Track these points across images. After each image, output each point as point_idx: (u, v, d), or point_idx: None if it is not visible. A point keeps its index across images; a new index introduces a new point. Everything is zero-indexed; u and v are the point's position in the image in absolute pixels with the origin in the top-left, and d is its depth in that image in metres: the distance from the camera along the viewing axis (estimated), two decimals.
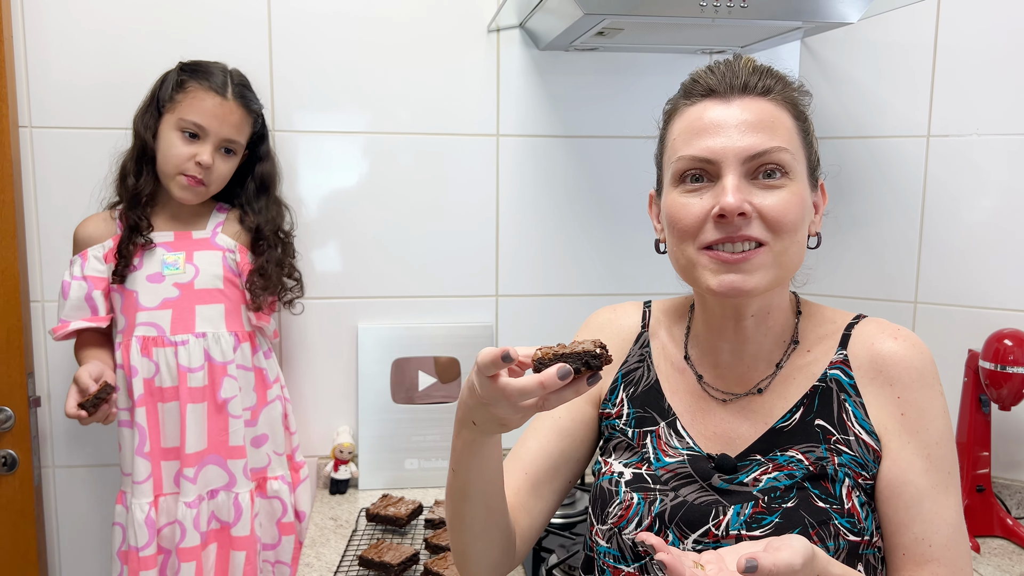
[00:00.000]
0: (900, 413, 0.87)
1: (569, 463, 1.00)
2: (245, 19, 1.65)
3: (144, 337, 1.47)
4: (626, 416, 0.99)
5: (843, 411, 0.89)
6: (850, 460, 0.87)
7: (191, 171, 1.45)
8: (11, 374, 1.59)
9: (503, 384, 0.72)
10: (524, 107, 1.76)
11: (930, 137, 1.67)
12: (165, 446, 1.49)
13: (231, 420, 1.51)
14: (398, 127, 1.73)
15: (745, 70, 0.88)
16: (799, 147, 0.88)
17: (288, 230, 1.61)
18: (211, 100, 1.44)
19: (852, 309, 1.75)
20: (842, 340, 0.92)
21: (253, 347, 1.57)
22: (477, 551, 0.92)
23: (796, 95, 0.90)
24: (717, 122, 0.86)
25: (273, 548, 1.60)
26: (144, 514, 1.46)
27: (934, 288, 1.69)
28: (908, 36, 1.68)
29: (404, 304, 1.79)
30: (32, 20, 1.59)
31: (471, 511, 0.89)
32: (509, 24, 1.72)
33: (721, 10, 1.35)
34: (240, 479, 1.52)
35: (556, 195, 1.80)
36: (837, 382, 0.90)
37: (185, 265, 1.49)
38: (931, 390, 0.88)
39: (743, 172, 0.85)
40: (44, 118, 1.61)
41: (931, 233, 1.68)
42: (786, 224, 0.84)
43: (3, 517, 1.61)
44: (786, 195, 0.85)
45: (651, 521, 0.90)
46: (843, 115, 1.77)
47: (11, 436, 1.60)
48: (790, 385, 0.92)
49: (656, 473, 0.93)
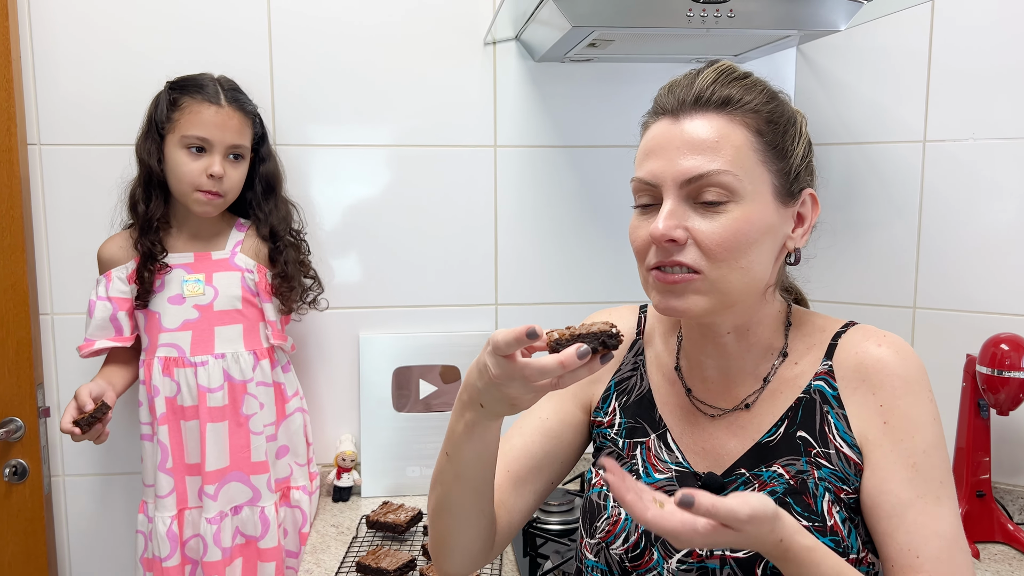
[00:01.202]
0: (883, 422, 0.85)
1: (553, 464, 1.00)
2: (247, 33, 1.69)
3: (166, 358, 1.50)
4: (617, 426, 0.98)
5: (825, 423, 0.87)
6: (830, 474, 0.85)
7: (206, 186, 1.46)
8: (20, 385, 1.63)
9: (522, 364, 0.73)
10: (521, 118, 1.79)
11: (926, 142, 1.68)
12: (188, 462, 1.52)
13: (253, 437, 1.54)
14: (396, 139, 1.76)
15: (705, 81, 0.85)
16: (753, 165, 0.83)
17: (299, 228, 1.64)
18: (208, 111, 1.46)
19: (850, 315, 1.76)
20: (828, 350, 0.90)
21: (272, 363, 1.59)
22: (459, 539, 0.92)
23: (763, 105, 0.86)
24: (662, 144, 0.85)
25: (296, 556, 1.62)
26: (166, 527, 1.49)
27: (932, 293, 1.69)
28: (903, 41, 1.68)
29: (405, 314, 1.81)
30: (40, 39, 1.63)
31: (460, 496, 0.88)
32: (505, 37, 1.75)
33: (708, 20, 1.36)
34: (265, 493, 1.55)
35: (554, 204, 1.82)
36: (820, 393, 0.88)
37: (205, 287, 1.52)
38: (917, 397, 0.85)
39: (682, 196, 0.83)
40: (53, 136, 1.65)
41: (929, 238, 1.68)
42: (722, 252, 0.82)
43: (14, 525, 1.65)
44: (726, 220, 0.82)
45: (638, 537, 0.90)
46: (839, 122, 1.78)
47: (21, 446, 1.64)
48: (777, 399, 0.90)
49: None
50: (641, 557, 0.89)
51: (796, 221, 0.89)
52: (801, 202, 0.89)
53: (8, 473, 1.63)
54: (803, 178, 0.89)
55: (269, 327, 1.58)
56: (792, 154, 0.87)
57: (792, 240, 0.89)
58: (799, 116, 0.91)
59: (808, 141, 0.91)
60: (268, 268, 1.58)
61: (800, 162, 0.88)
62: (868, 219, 1.76)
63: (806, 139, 0.90)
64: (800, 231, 0.89)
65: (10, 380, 1.63)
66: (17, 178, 1.60)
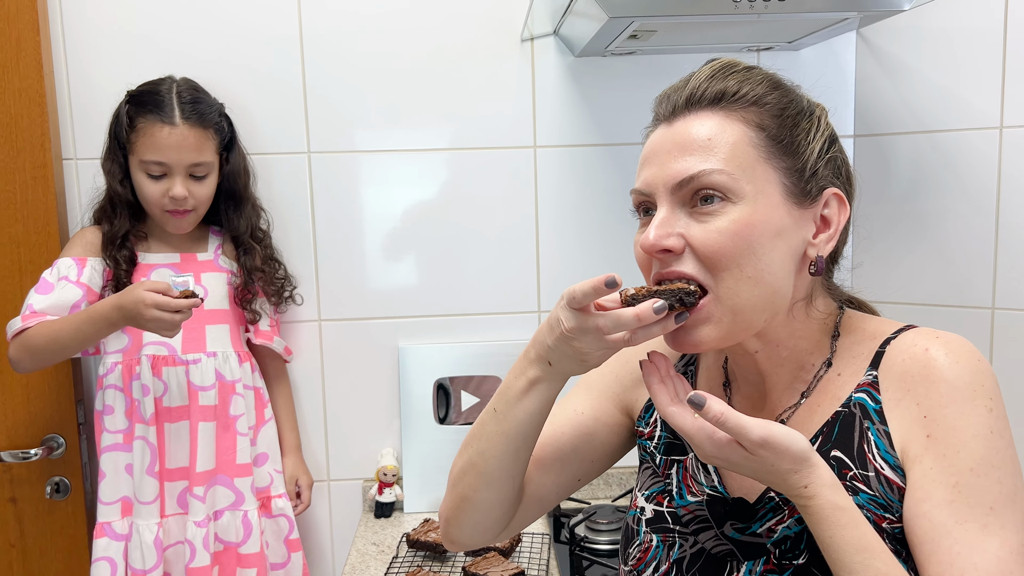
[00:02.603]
0: (926, 435, 0.73)
1: (582, 461, 0.94)
2: (280, 39, 1.65)
3: (154, 356, 1.47)
4: (657, 439, 0.92)
5: (864, 441, 0.76)
6: (868, 500, 0.74)
7: (170, 206, 1.45)
8: (61, 402, 1.62)
9: (596, 315, 0.72)
10: (561, 117, 1.71)
11: (1003, 128, 1.54)
12: (170, 466, 1.49)
13: (239, 438, 1.52)
14: (432, 143, 1.70)
15: (699, 79, 0.79)
16: (754, 162, 0.76)
17: (265, 228, 1.62)
18: (162, 132, 1.41)
19: (922, 317, 1.64)
20: (875, 358, 0.79)
21: (252, 366, 1.58)
22: (482, 500, 0.86)
23: (766, 94, 0.78)
24: (655, 149, 0.79)
25: (283, 566, 1.58)
26: (153, 535, 1.46)
27: (1013, 292, 1.55)
28: (974, 21, 1.55)
29: (445, 323, 1.75)
30: (74, 52, 1.62)
31: (498, 455, 0.84)
32: (543, 32, 1.67)
33: (757, 5, 1.26)
34: (248, 496, 1.52)
35: (597, 205, 1.73)
36: (862, 407, 0.77)
37: (195, 286, 1.48)
38: (967, 405, 0.72)
39: (676, 202, 0.77)
40: (88, 149, 1.64)
41: (1008, 232, 1.55)
42: (722, 259, 0.74)
43: (56, 543, 1.65)
44: (723, 224, 0.74)
45: (668, 567, 0.83)
46: (905, 109, 1.65)
47: (63, 463, 1.64)
48: (815, 413, 0.81)
49: (677, 512, 0.86)
50: None
51: (820, 225, 0.79)
52: (824, 203, 0.79)
53: (50, 490, 1.63)
54: (823, 176, 0.79)
55: (251, 328, 1.59)
56: (806, 150, 0.78)
57: (814, 247, 0.79)
58: (817, 108, 0.82)
59: (831, 135, 0.81)
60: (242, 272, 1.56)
61: (818, 159, 0.79)
62: (940, 213, 1.62)
63: (826, 133, 0.81)
64: (824, 236, 0.79)
65: (50, 397, 1.62)
66: (52, 193, 1.59)
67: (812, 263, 0.79)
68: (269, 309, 1.63)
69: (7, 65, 1.55)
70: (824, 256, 0.79)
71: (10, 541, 1.64)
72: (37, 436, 1.62)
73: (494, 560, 1.42)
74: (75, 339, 1.38)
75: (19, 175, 1.58)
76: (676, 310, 0.73)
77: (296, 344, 1.71)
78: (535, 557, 1.50)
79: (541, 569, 1.45)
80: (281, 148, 1.68)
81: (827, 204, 0.79)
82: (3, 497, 1.63)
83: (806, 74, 1.70)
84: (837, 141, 0.83)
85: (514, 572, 1.37)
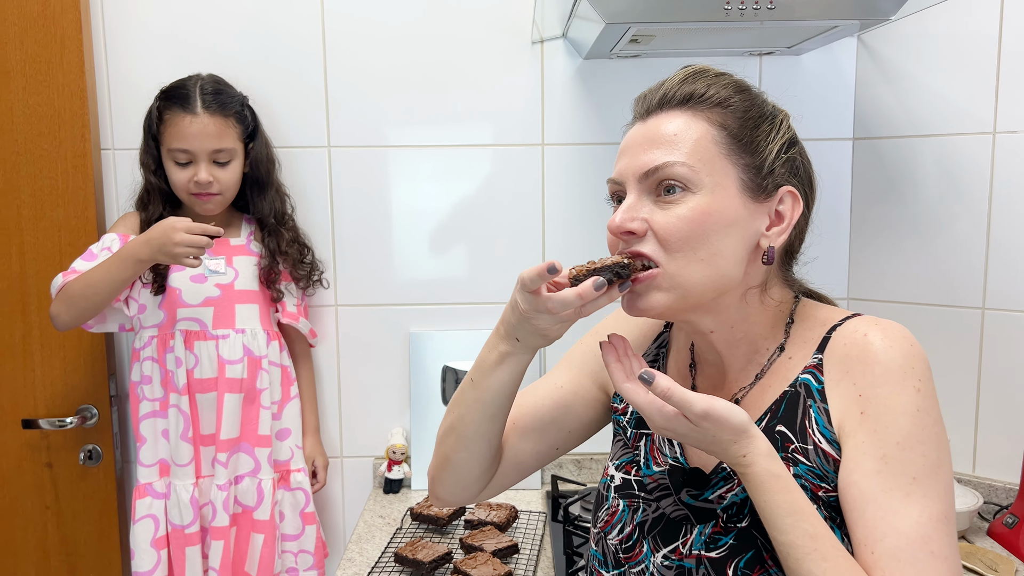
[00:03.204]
0: (860, 412, 0.80)
1: (560, 431, 1.03)
2: (303, 38, 1.75)
3: (187, 331, 1.58)
4: (629, 414, 1.00)
5: (806, 417, 0.84)
6: (807, 471, 0.82)
7: (195, 190, 1.56)
8: (95, 375, 1.74)
9: (546, 297, 0.80)
10: (569, 115, 1.78)
11: (996, 134, 1.59)
12: (203, 433, 1.61)
13: (261, 411, 1.62)
14: (446, 140, 1.79)
15: (671, 82, 0.88)
16: (714, 157, 0.84)
17: (290, 213, 1.73)
18: (184, 121, 1.53)
19: (913, 316, 1.70)
20: (822, 343, 0.87)
21: (280, 346, 1.69)
22: (462, 458, 0.96)
23: (730, 97, 0.86)
24: (628, 143, 0.88)
25: (297, 538, 1.68)
26: (189, 494, 1.58)
27: (1003, 293, 1.60)
28: (972, 27, 1.59)
29: (454, 311, 1.84)
30: (113, 47, 1.74)
31: (475, 418, 0.93)
32: (552, 35, 1.75)
33: (747, 13, 1.33)
34: (264, 466, 1.63)
35: (601, 202, 1.81)
36: (806, 387, 0.85)
37: (226, 268, 1.62)
38: (899, 385, 0.79)
39: (643, 190, 0.85)
40: (125, 140, 1.76)
41: (999, 235, 1.59)
42: (677, 242, 0.82)
43: (89, 506, 1.77)
44: (682, 210, 0.82)
45: (632, 529, 0.91)
46: (903, 113, 1.70)
47: (95, 432, 1.76)
48: (766, 393, 0.88)
49: (643, 480, 0.94)
50: (632, 550, 0.90)
51: (774, 219, 0.87)
52: (779, 200, 0.87)
53: (83, 457, 1.75)
54: (779, 175, 0.87)
55: (280, 308, 1.69)
56: (764, 149, 0.86)
57: (766, 238, 0.86)
58: (780, 113, 0.90)
59: (790, 138, 0.89)
60: (266, 253, 1.67)
61: (775, 158, 0.86)
62: (934, 215, 1.67)
63: (787, 136, 0.88)
64: (777, 229, 0.87)
65: (85, 371, 1.74)
66: (91, 181, 1.70)
67: (764, 253, 0.86)
68: (296, 292, 1.74)
69: (52, 61, 1.67)
70: (776, 247, 0.87)
71: (45, 503, 1.76)
72: (72, 406, 1.75)
73: (490, 533, 1.50)
74: (106, 280, 1.47)
75: (60, 164, 1.70)
76: (616, 283, 0.81)
77: (315, 327, 1.81)
78: (531, 533, 1.58)
79: (535, 544, 1.53)
80: (303, 142, 1.78)
81: (782, 200, 0.87)
82: (40, 462, 1.75)
83: (807, 78, 1.76)
84: (797, 144, 0.90)
85: (508, 545, 1.45)
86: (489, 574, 1.34)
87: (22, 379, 1.73)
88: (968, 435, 1.67)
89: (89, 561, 1.78)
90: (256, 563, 1.62)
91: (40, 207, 1.70)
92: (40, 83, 1.68)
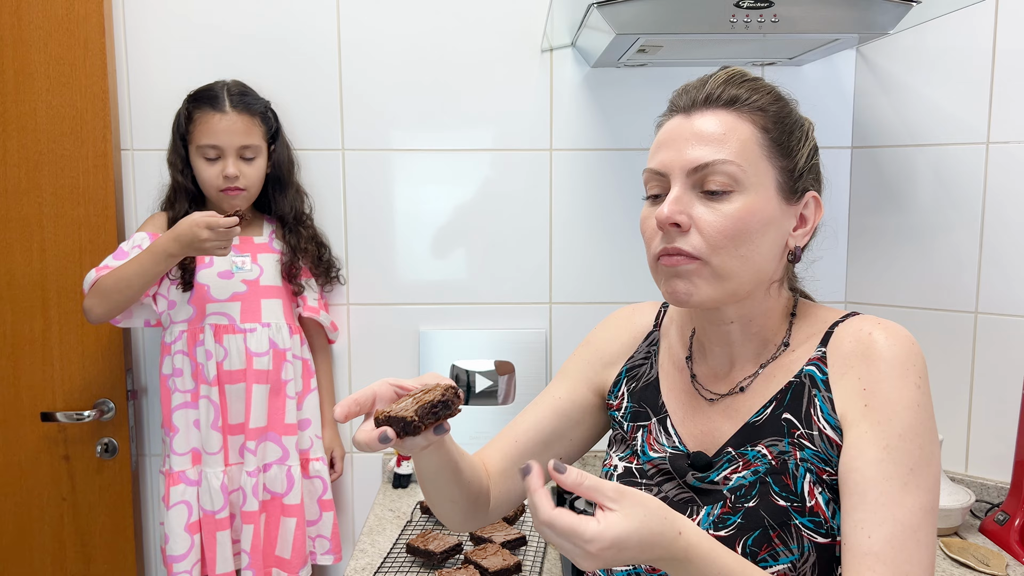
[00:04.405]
0: (864, 404, 0.85)
1: (562, 442, 1.06)
2: (319, 43, 1.81)
3: (216, 325, 1.65)
4: (624, 409, 1.04)
5: (811, 406, 0.89)
6: (812, 455, 0.87)
7: (224, 185, 1.63)
8: (112, 370, 1.79)
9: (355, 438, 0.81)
10: (576, 122, 1.84)
11: (989, 144, 1.64)
12: (231, 422, 1.67)
13: (287, 401, 1.70)
14: (457, 144, 1.84)
15: (716, 82, 0.91)
16: (758, 159, 0.88)
17: (308, 212, 1.79)
18: (214, 119, 1.61)
19: (909, 320, 1.75)
20: (824, 338, 0.92)
21: (301, 340, 1.76)
22: (442, 511, 0.99)
23: (770, 104, 0.90)
24: (673, 137, 0.90)
25: (315, 523, 1.76)
26: (219, 481, 1.65)
27: (995, 298, 1.65)
28: (967, 40, 1.65)
29: (463, 311, 1.89)
30: (134, 51, 1.78)
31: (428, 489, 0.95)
32: (562, 43, 1.80)
33: (752, 26, 1.38)
34: (292, 453, 1.70)
35: (607, 206, 1.86)
36: (811, 378, 0.90)
37: (252, 265, 1.68)
38: (902, 381, 0.85)
39: (689, 184, 0.88)
40: (145, 141, 1.81)
41: (992, 242, 1.65)
42: (722, 239, 0.86)
43: (104, 498, 1.81)
44: (729, 209, 0.86)
45: None
46: (900, 124, 1.76)
47: (112, 425, 1.80)
48: (770, 382, 0.93)
49: (643, 467, 0.98)
50: None
51: (799, 221, 0.92)
52: (804, 203, 0.92)
53: (100, 450, 1.79)
54: (807, 179, 0.92)
55: (300, 302, 1.76)
56: (797, 154, 0.91)
57: (793, 239, 0.92)
58: (807, 121, 0.95)
59: (814, 146, 0.94)
60: (287, 249, 1.73)
61: (805, 164, 0.92)
62: (929, 222, 1.73)
63: (812, 144, 0.94)
64: (802, 231, 0.92)
65: (103, 366, 1.78)
66: (111, 180, 1.75)
67: (791, 252, 0.92)
68: (316, 288, 1.81)
69: (75, 63, 1.72)
70: (801, 247, 0.93)
71: (62, 495, 1.81)
72: (90, 400, 1.79)
73: (499, 526, 1.55)
74: (138, 274, 1.54)
75: (82, 163, 1.74)
76: (431, 424, 0.79)
77: None
78: None
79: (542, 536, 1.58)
80: (318, 145, 1.83)
81: (807, 204, 0.93)
82: (58, 454, 1.80)
83: (807, 89, 1.82)
84: (818, 151, 0.97)
85: (516, 537, 1.50)
86: (499, 564, 1.39)
87: (41, 373, 1.78)
88: (961, 435, 1.72)
89: (104, 552, 1.82)
90: (289, 546, 1.69)
91: (61, 205, 1.75)
92: (63, 85, 1.72)
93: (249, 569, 1.65)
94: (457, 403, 0.80)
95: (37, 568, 1.81)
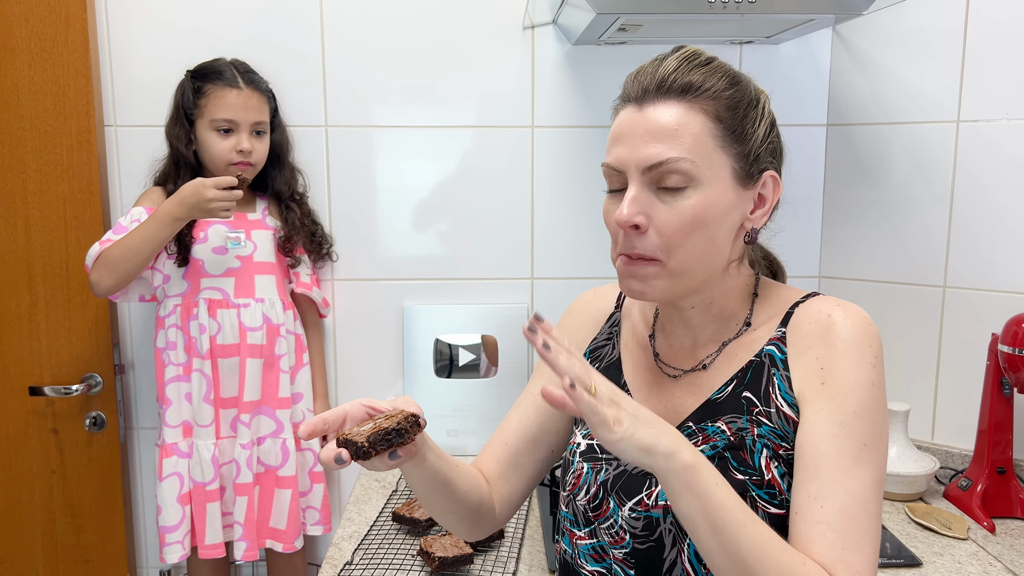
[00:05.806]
0: (821, 382, 0.88)
1: (548, 435, 1.08)
2: (302, 17, 1.81)
3: (210, 300, 1.67)
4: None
5: (769, 384, 0.91)
6: (769, 431, 0.89)
7: (236, 159, 1.65)
8: (99, 345, 1.81)
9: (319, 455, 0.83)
10: (558, 99, 1.86)
11: (960, 122, 1.69)
12: (224, 396, 1.70)
13: (281, 375, 1.73)
14: (439, 121, 1.86)
15: (667, 68, 0.89)
16: (712, 151, 0.87)
17: (303, 192, 1.82)
18: (231, 95, 1.64)
19: (880, 293, 1.80)
20: (784, 318, 0.94)
21: (294, 315, 1.79)
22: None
23: (724, 90, 0.89)
24: (626, 130, 0.90)
25: (305, 495, 1.80)
26: (210, 453, 1.68)
27: (963, 272, 1.70)
28: (939, 21, 1.69)
29: (446, 286, 1.92)
30: (115, 27, 1.78)
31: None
32: (543, 21, 1.82)
33: (730, 6, 1.41)
34: (287, 426, 1.74)
35: (588, 183, 1.89)
36: (770, 357, 0.93)
37: (246, 241, 1.71)
38: (857, 360, 0.87)
39: (645, 182, 0.88)
40: (127, 117, 1.81)
41: (960, 218, 1.70)
42: (680, 238, 0.87)
43: (93, 471, 1.84)
44: (685, 206, 0.87)
45: (596, 489, 0.97)
46: (874, 102, 1.80)
47: (100, 399, 1.82)
48: (732, 360, 0.96)
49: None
50: (600, 507, 0.97)
51: (756, 202, 0.93)
52: (762, 183, 0.93)
53: (88, 423, 1.81)
54: (764, 160, 0.92)
55: (294, 278, 1.79)
56: (752, 137, 0.90)
57: (750, 221, 0.93)
58: (762, 96, 0.94)
59: (771, 120, 0.94)
60: (284, 227, 1.76)
61: (761, 144, 0.91)
62: (901, 199, 1.78)
63: (768, 119, 0.93)
64: (760, 212, 0.93)
65: (90, 341, 1.80)
66: (95, 156, 1.76)
67: (747, 234, 0.93)
68: (309, 264, 1.83)
69: (57, 39, 1.72)
70: (758, 228, 0.94)
71: (51, 468, 1.83)
72: (77, 374, 1.81)
73: None
74: (145, 240, 1.56)
75: (66, 140, 1.75)
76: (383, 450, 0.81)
77: None
78: None
79: (524, 505, 1.62)
80: (301, 121, 1.84)
81: (764, 184, 0.93)
82: (46, 428, 1.82)
83: (784, 67, 1.85)
84: (775, 125, 0.96)
85: None
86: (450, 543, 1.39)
87: (28, 348, 1.79)
88: (928, 404, 1.78)
89: (93, 523, 1.85)
90: (284, 517, 1.73)
91: (45, 181, 1.75)
92: (45, 60, 1.72)
93: (243, 540, 1.69)
94: (414, 432, 0.83)
95: (28, 538, 1.84)
